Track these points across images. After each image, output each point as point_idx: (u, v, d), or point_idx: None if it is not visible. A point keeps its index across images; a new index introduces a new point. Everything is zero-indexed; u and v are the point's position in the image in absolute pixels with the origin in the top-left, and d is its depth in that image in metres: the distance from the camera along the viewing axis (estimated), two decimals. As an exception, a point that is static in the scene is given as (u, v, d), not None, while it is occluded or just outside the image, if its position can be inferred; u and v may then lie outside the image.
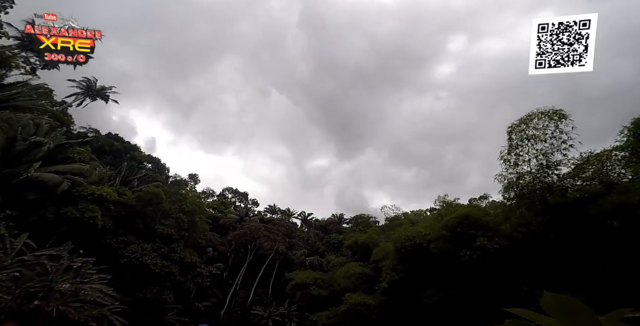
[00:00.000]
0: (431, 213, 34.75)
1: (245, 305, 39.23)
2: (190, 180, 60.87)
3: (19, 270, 16.97)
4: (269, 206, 69.42)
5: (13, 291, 15.89)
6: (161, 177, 46.90)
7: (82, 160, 29.11)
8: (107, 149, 42.16)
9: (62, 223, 23.89)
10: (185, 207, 33.38)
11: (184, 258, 30.20)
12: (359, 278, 29.39)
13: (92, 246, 24.15)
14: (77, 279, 18.72)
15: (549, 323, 1.10)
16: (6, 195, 21.62)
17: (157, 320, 27.82)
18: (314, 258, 47.18)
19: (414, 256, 23.32)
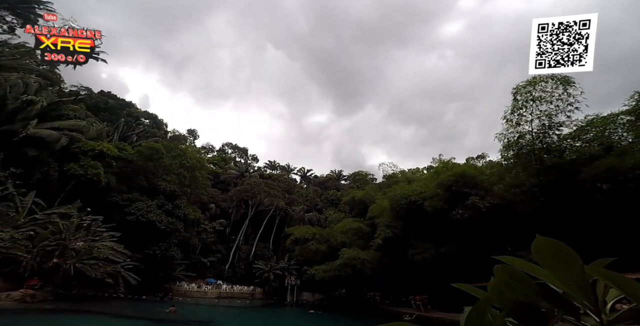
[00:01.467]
0: (428, 171, 35.03)
1: (248, 259, 40.23)
2: (189, 135, 60.17)
3: (32, 228, 17.90)
4: (268, 162, 69.35)
5: (31, 249, 16.99)
6: (159, 132, 46.33)
7: (78, 117, 28.54)
8: (101, 106, 41.08)
9: (67, 180, 24.42)
10: (186, 162, 33.68)
11: (187, 214, 31.29)
12: (355, 234, 30.50)
13: (99, 204, 25.13)
14: (88, 237, 19.90)
15: (534, 270, 1.14)
16: (7, 152, 21.64)
17: (167, 276, 29.54)
18: (312, 214, 47.50)
19: (408, 213, 24.13)
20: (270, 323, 22.29)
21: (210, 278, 35.35)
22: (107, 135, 32.68)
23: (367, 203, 32.26)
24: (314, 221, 45.57)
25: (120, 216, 25.55)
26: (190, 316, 19.82)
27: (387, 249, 25.55)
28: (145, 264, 25.71)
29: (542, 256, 1.08)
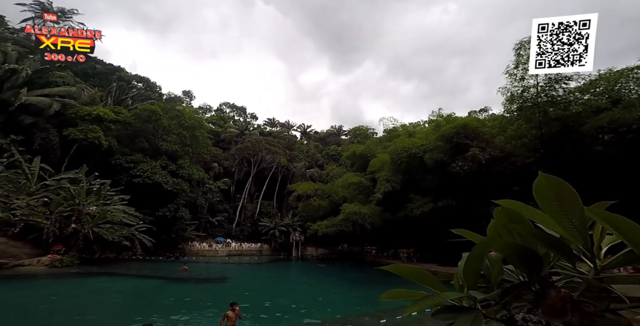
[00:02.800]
0: (429, 124, 34.23)
1: (253, 217, 40.75)
2: (185, 96, 58.58)
3: (46, 195, 18.82)
4: (268, 119, 68.26)
5: (49, 216, 18.00)
6: (154, 95, 45.01)
7: (67, 84, 27.61)
8: (89, 72, 39.36)
9: (68, 146, 24.70)
10: (185, 122, 33.32)
11: (192, 174, 31.82)
12: (356, 189, 30.68)
13: (104, 168, 25.67)
14: (100, 201, 20.87)
15: (532, 213, 1.17)
16: (4, 121, 21.69)
17: (179, 236, 30.72)
18: (314, 170, 47.37)
19: (408, 167, 24.43)
20: (280, 277, 23.21)
21: (220, 237, 36.78)
22: (101, 100, 31.90)
23: (367, 157, 32.25)
24: (315, 177, 45.93)
25: (127, 178, 26.11)
26: (204, 274, 20.84)
27: (387, 204, 26.14)
28: (158, 226, 26.84)
29: (542, 195, 1.07)
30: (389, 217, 26.74)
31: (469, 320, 1.20)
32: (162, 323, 9.26)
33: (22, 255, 17.25)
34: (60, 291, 13.34)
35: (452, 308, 1.35)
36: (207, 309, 11.44)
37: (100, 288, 14.49)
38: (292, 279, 23.42)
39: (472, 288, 1.35)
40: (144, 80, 48.54)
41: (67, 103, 25.75)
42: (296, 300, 14.29)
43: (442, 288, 1.35)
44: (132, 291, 14.74)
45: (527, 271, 1.31)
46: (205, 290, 16.03)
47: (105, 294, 13.45)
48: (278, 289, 17.35)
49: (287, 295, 15.53)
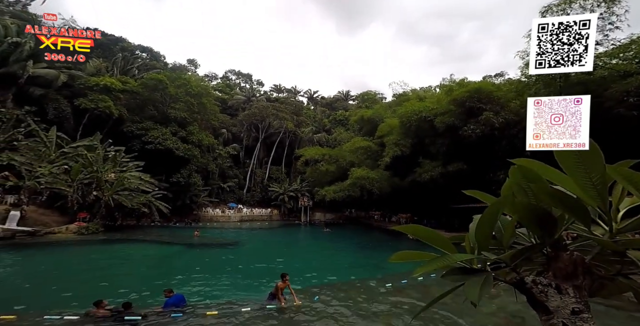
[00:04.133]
0: (441, 89, 32.56)
1: (263, 183, 41.29)
2: (189, 65, 57.33)
3: (65, 162, 19.51)
4: (274, 85, 67.09)
5: (71, 183, 18.76)
6: (159, 64, 44.11)
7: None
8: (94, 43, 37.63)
9: (81, 115, 24.99)
10: (191, 90, 33.07)
11: (201, 140, 32.26)
12: (364, 153, 30.24)
13: (116, 135, 26.10)
14: (117, 168, 21.58)
15: (550, 172, 1.11)
16: (16, 93, 21.88)
17: (193, 202, 31.63)
18: (321, 135, 47.36)
19: (418, 130, 23.97)
20: (289, 242, 23.52)
21: (232, 203, 37.65)
22: (107, 70, 31.48)
23: (376, 122, 31.61)
24: (322, 142, 45.67)
25: (139, 145, 26.64)
26: (218, 239, 21.51)
27: (395, 168, 25.98)
28: (172, 192, 27.72)
29: (564, 158, 1.02)
30: (397, 182, 26.73)
31: (478, 282, 1.18)
32: (184, 288, 9.66)
33: (51, 222, 18.38)
34: (91, 257, 14.26)
35: (462, 270, 1.34)
36: (223, 273, 12.01)
37: (125, 254, 15.35)
38: (301, 244, 24.05)
39: (483, 250, 1.33)
40: (147, 50, 47.27)
41: (74, 75, 25.61)
42: (305, 264, 14.69)
43: (453, 250, 1.33)
44: (153, 257, 15.57)
45: (540, 233, 1.28)
46: (219, 254, 16.60)
47: (129, 260, 14.27)
48: (288, 254, 17.89)
49: (297, 259, 16.00)
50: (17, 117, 19.91)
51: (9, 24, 24.31)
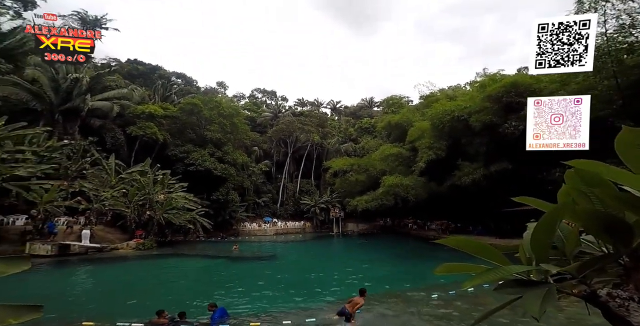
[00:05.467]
0: (471, 86, 31.60)
1: (295, 196, 42.51)
2: (219, 87, 61.82)
3: (123, 187, 22.11)
4: (297, 100, 69.16)
5: (129, 205, 21.22)
6: (193, 88, 48.31)
7: (119, 86, 30.65)
8: (134, 74, 42.56)
9: (132, 142, 28.05)
10: (223, 111, 35.35)
11: (236, 159, 34.27)
12: (395, 160, 29.35)
13: (162, 159, 28.61)
14: (165, 190, 23.94)
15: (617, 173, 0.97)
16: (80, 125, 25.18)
17: (232, 218, 33.39)
18: (347, 145, 47.27)
19: (452, 132, 22.69)
20: (324, 253, 23.74)
21: (267, 217, 39.04)
22: (150, 98, 34.95)
23: (404, 126, 30.66)
24: (350, 152, 45.06)
25: (182, 167, 28.91)
26: (255, 252, 22.62)
27: (431, 173, 24.85)
28: (213, 209, 29.60)
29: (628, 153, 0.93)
30: (434, 187, 25.61)
31: (539, 294, 1.08)
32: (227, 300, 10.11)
33: (115, 239, 20.63)
34: (148, 270, 15.89)
35: (518, 283, 1.26)
36: (263, 286, 12.48)
37: (176, 268, 16.77)
38: (336, 255, 24.13)
39: (542, 261, 1.21)
40: (181, 76, 51.73)
41: (124, 105, 28.77)
42: (343, 275, 14.72)
43: (505, 261, 1.25)
44: (199, 269, 16.89)
45: (612, 242, 1.15)
46: (257, 267, 17.42)
47: (179, 273, 15.52)
48: (325, 265, 18.12)
49: (334, 270, 16.13)
50: (84, 148, 23.01)
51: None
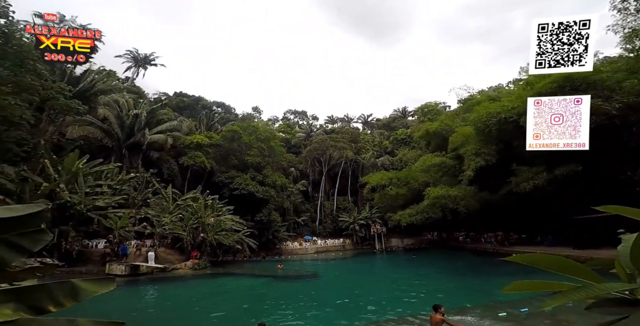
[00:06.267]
0: (515, 85, 29.64)
1: (332, 214, 42.74)
2: (254, 112, 66.51)
3: (180, 212, 24.73)
4: (327, 117, 71.10)
5: (185, 228, 23.67)
6: (232, 116, 52.44)
7: (170, 119, 34.56)
8: (181, 106, 47.49)
9: (185, 171, 31.21)
10: (260, 135, 37.62)
11: (275, 181, 36.05)
12: (439, 170, 28.03)
13: (211, 186, 31.18)
14: (214, 213, 26.24)
15: None
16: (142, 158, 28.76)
17: (275, 237, 34.75)
18: (384, 159, 46.89)
19: (500, 134, 21.16)
20: (369, 269, 23.30)
21: (307, 235, 39.80)
22: (196, 128, 38.75)
23: (444, 134, 29.45)
24: (387, 165, 44.74)
25: (228, 192, 31.19)
26: (298, 271, 23.21)
27: (482, 181, 23.40)
28: (257, 230, 31.25)
29: None
30: (487, 196, 24.11)
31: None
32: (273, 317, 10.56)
33: (174, 260, 22.87)
34: (204, 289, 17.40)
35: (619, 301, 1.12)
36: (308, 304, 12.82)
37: (227, 286, 18.10)
38: (382, 272, 23.69)
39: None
40: (221, 104, 56.46)
41: (175, 136, 32.27)
42: (393, 293, 14.34)
43: (596, 277, 1.14)
44: (248, 288, 17.93)
45: None
46: (302, 286, 17.82)
47: (231, 291, 16.76)
48: (371, 282, 17.96)
49: (382, 288, 15.85)
50: (146, 179, 26.27)
51: (127, 98, 31.21)
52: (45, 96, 16.20)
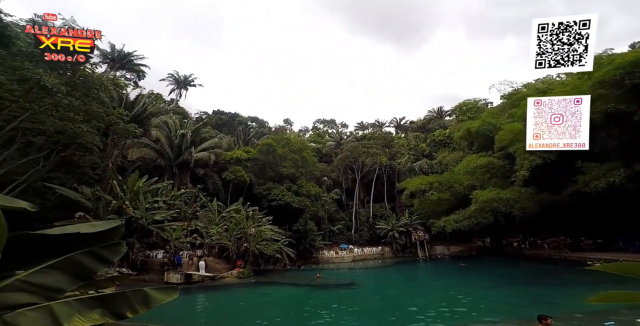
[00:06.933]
0: (568, 75, 26.93)
1: (369, 222, 42.20)
2: (286, 124, 69.23)
3: (225, 224, 26.72)
4: (357, 124, 71.43)
5: (230, 238, 25.53)
6: (265, 129, 55.15)
7: (211, 137, 37.47)
8: (220, 123, 51.04)
9: (227, 185, 33.62)
10: (293, 146, 38.95)
11: (309, 191, 37.12)
12: (486, 172, 26.37)
13: (251, 198, 33.14)
14: (255, 224, 27.89)
15: None
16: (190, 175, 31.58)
17: (311, 246, 35.41)
18: (422, 162, 45.68)
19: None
20: (414, 278, 22.57)
21: (343, 244, 39.74)
22: (234, 143, 41.54)
23: (488, 133, 28.00)
24: (425, 169, 43.75)
25: (267, 203, 32.82)
26: (336, 280, 23.27)
27: (540, 181, 21.85)
28: (295, 239, 32.33)
29: None
30: (548, 198, 22.36)
31: None
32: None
33: (222, 269, 24.62)
34: (250, 297, 18.31)
35: None
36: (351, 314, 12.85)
37: (270, 294, 18.77)
38: (429, 280, 22.91)
39: None
40: (255, 119, 59.59)
41: (217, 153, 34.88)
42: (445, 302, 13.75)
43: None
44: (291, 297, 18.31)
45: None
46: (343, 295, 17.88)
47: (274, 299, 17.35)
48: (418, 292, 17.38)
49: (432, 298, 15.24)
50: (194, 194, 28.86)
51: (174, 119, 34.15)
52: (108, 122, 18.85)
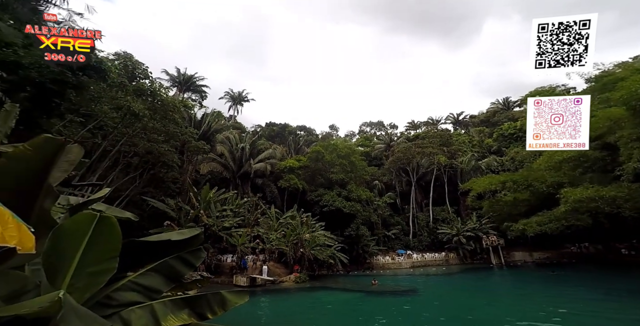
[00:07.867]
0: None
1: (428, 226, 39.89)
2: (332, 130, 70.57)
3: (282, 230, 28.60)
4: (408, 123, 67.56)
5: (287, 244, 27.29)
6: (313, 137, 57.18)
7: (266, 148, 40.32)
8: (272, 134, 54.35)
9: (282, 193, 35.82)
10: (340, 152, 39.35)
11: (360, 195, 37.09)
12: (576, 166, 22.88)
13: (304, 204, 34.75)
14: (309, 230, 29.22)
15: None
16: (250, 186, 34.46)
17: (365, 252, 35.06)
18: (489, 159, 42.09)
19: None
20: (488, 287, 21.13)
21: (400, 249, 38.41)
22: (287, 153, 44.02)
23: None
24: (494, 167, 40.05)
25: (319, 209, 33.82)
26: (393, 286, 22.69)
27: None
28: (347, 244, 32.59)
29: None
30: None
31: None
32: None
33: (281, 273, 26.38)
34: (307, 301, 18.90)
35: None
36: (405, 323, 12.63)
37: (324, 300, 18.95)
38: (505, 289, 21.11)
39: None
40: (303, 128, 61.61)
41: (272, 163, 37.35)
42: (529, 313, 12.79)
43: None
44: (346, 303, 18.29)
45: None
46: (400, 303, 17.28)
47: (331, 304, 17.53)
48: (493, 300, 16.18)
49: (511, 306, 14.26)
50: (255, 202, 31.49)
51: (234, 133, 37.46)
52: (183, 141, 21.96)
